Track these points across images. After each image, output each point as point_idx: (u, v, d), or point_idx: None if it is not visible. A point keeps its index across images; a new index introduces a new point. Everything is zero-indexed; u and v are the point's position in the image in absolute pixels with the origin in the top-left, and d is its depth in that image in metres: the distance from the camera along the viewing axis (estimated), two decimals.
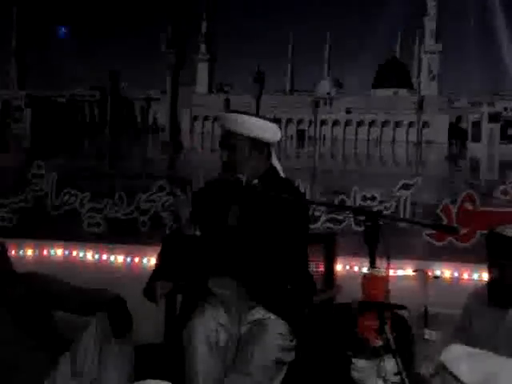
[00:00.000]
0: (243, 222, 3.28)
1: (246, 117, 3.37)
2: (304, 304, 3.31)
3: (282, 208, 3.23)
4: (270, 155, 3.43)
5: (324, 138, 7.51)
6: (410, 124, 7.52)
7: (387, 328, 2.60)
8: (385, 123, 7.75)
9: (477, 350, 2.99)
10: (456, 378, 2.89)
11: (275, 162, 3.45)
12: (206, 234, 3.37)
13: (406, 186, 6.30)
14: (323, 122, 7.67)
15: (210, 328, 3.18)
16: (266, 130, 3.39)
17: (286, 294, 3.26)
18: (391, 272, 2.70)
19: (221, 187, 3.42)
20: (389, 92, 7.91)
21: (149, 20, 6.93)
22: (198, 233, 3.32)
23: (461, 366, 2.91)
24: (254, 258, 3.19)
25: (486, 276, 3.36)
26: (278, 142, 3.50)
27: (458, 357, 2.95)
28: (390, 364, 2.73)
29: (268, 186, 3.28)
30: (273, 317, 3.23)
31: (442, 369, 2.96)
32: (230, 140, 3.34)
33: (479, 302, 3.35)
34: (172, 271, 3.40)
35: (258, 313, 3.25)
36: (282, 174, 3.48)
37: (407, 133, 7.50)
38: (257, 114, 3.48)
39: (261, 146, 3.37)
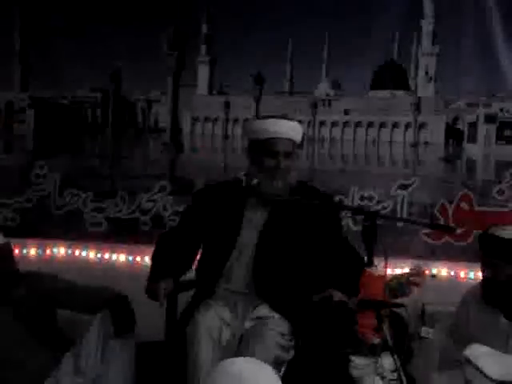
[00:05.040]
0: (270, 226, 3.33)
1: (291, 122, 3.40)
2: (306, 304, 3.36)
3: (314, 214, 3.29)
4: None
5: (323, 139, 7.54)
6: (408, 125, 7.56)
7: (385, 326, 2.66)
8: (382, 124, 7.78)
9: (497, 352, 3.15)
10: (480, 370, 3.02)
11: None
12: (222, 236, 3.40)
13: (403, 186, 6.31)
14: (322, 123, 7.70)
15: (213, 325, 3.24)
16: (300, 133, 3.43)
17: (293, 294, 3.30)
18: (389, 271, 2.76)
19: (228, 189, 3.45)
20: (386, 93, 7.95)
21: (149, 21, 6.95)
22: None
23: (485, 360, 3.08)
24: (277, 265, 3.26)
25: (480, 275, 3.42)
26: None
27: (482, 353, 3.09)
28: (387, 361, 2.79)
29: (299, 192, 3.31)
30: (276, 316, 3.27)
31: (466, 363, 3.11)
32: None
33: (475, 299, 3.42)
34: (173, 269, 3.43)
35: (262, 311, 3.30)
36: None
37: (404, 134, 7.54)
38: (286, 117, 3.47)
39: (296, 149, 3.40)
